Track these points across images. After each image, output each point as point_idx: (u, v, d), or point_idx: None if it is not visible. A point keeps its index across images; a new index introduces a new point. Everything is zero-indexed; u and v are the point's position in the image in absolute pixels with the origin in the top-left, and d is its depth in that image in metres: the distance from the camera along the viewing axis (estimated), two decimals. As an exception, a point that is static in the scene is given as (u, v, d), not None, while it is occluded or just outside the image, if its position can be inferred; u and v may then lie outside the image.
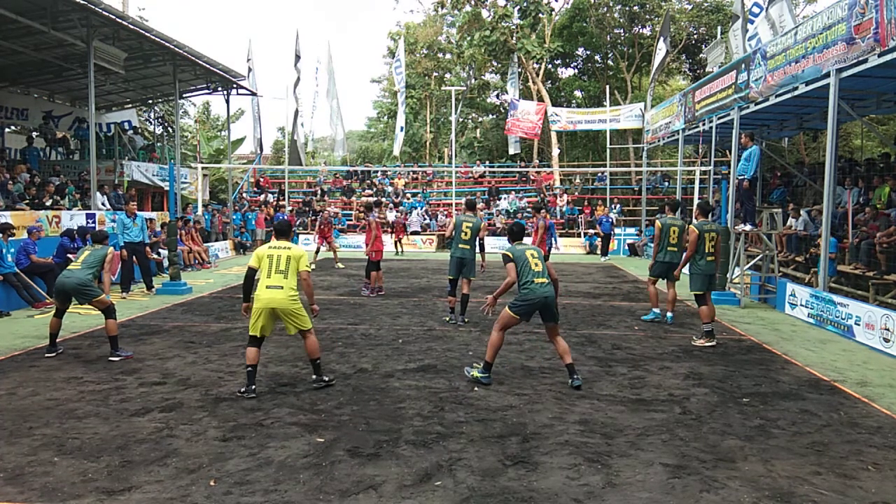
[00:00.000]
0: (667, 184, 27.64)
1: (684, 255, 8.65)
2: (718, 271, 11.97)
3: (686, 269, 8.66)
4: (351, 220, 26.03)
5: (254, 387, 5.64)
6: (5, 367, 6.57)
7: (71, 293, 7.04)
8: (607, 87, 28.20)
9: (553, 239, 13.38)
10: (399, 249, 22.31)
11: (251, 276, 5.79)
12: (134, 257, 12.08)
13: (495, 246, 23.82)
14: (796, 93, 11.31)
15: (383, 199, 26.43)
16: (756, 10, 16.46)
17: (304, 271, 5.77)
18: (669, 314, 9.51)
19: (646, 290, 10.96)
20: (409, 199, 27.62)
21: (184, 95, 23.47)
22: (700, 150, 25.11)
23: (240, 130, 32.61)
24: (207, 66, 19.05)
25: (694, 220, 8.84)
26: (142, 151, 22.02)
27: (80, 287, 6.99)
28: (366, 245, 11.90)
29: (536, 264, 6.09)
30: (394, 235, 22.17)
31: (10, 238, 10.30)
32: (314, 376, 5.97)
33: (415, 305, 10.80)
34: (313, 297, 6.00)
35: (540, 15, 30.84)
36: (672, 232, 9.21)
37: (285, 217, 22.91)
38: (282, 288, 5.61)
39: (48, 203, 14.27)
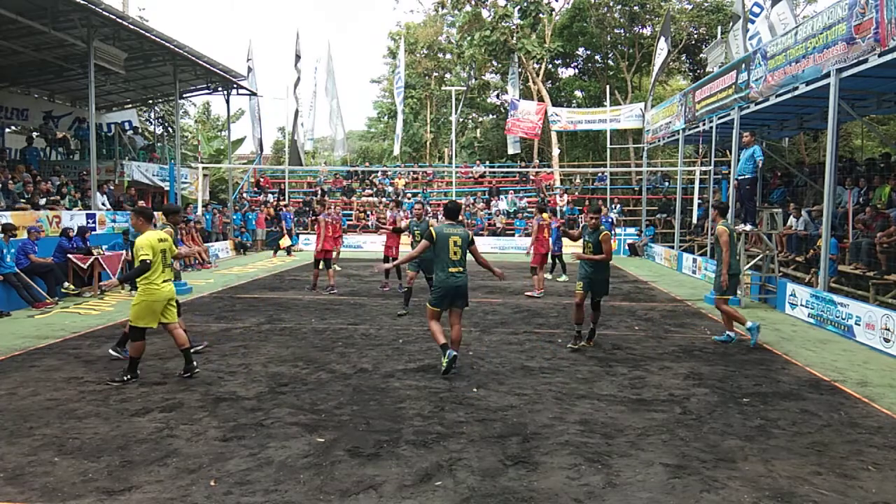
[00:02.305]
0: (667, 184, 27.62)
1: (723, 260, 8.11)
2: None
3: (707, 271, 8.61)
4: (351, 220, 26.02)
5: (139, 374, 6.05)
6: (5, 367, 6.57)
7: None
8: (607, 87, 28.20)
9: (551, 240, 13.30)
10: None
11: (147, 269, 5.94)
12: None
13: (495, 246, 23.86)
14: (796, 93, 11.31)
15: (396, 200, 26.39)
16: (756, 10, 16.45)
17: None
18: (733, 333, 8.36)
19: (649, 292, 10.88)
20: (409, 198, 27.62)
21: (184, 95, 23.46)
22: (700, 150, 25.09)
23: (240, 130, 32.61)
24: (207, 66, 19.05)
25: (716, 222, 8.53)
26: (142, 151, 22.03)
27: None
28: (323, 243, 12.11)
29: (455, 253, 6.39)
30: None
31: (10, 238, 10.31)
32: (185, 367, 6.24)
33: (415, 305, 10.80)
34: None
35: (540, 15, 30.83)
36: (736, 238, 8.70)
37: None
38: (171, 280, 6.20)
39: (42, 202, 14.27)
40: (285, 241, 21.59)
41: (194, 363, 6.27)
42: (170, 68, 18.44)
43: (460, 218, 7.07)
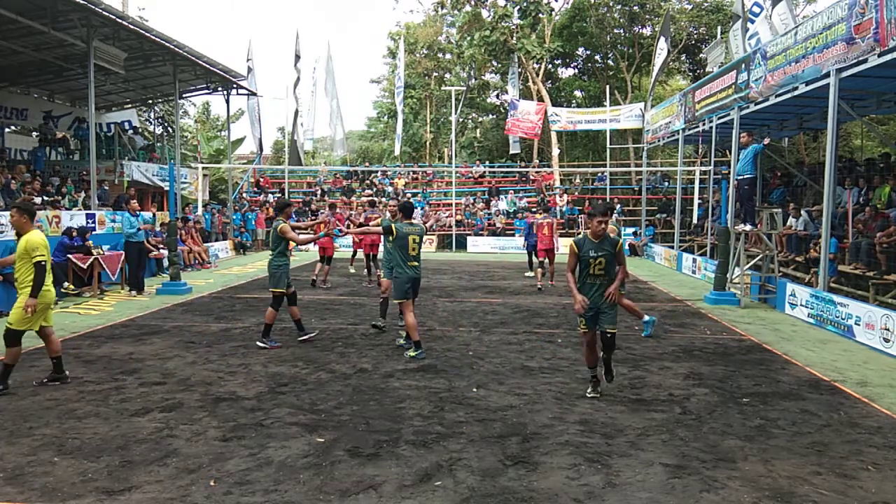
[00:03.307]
0: (667, 184, 27.63)
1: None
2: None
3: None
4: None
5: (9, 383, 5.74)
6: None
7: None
8: (607, 87, 28.20)
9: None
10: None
11: (45, 270, 5.65)
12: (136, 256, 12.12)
13: (495, 246, 23.87)
14: (796, 93, 11.30)
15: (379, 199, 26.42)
16: (756, 10, 16.45)
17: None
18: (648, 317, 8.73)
19: (648, 292, 10.87)
20: (408, 199, 27.63)
21: (184, 95, 23.46)
22: (700, 150, 25.10)
23: (240, 130, 32.62)
24: (207, 66, 19.06)
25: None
26: (142, 151, 22.02)
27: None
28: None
29: (413, 249, 7.19)
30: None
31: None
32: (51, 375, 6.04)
33: (415, 305, 10.79)
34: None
35: (540, 15, 30.83)
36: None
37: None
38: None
39: (37, 201, 14.27)
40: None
41: (65, 373, 6.07)
42: (170, 68, 18.43)
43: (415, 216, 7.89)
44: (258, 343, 7.57)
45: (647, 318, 8.58)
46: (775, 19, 15.66)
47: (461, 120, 39.18)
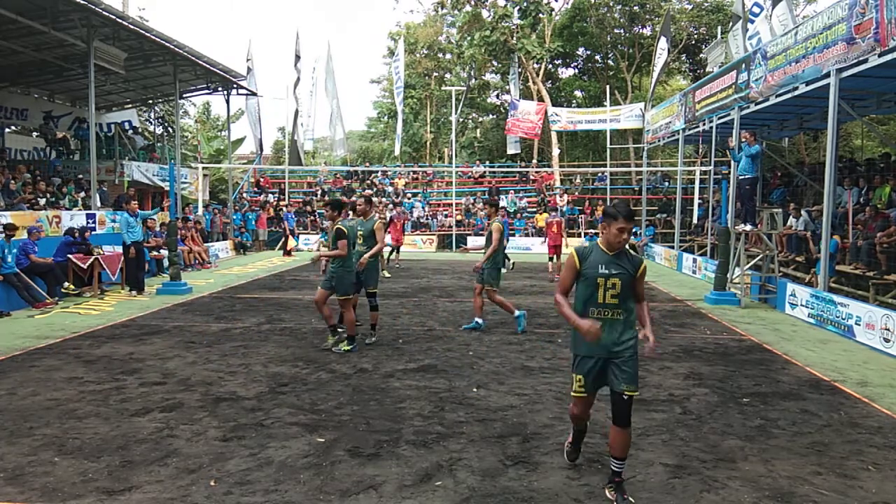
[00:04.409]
0: (667, 184, 27.64)
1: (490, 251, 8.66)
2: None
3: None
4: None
5: None
6: (5, 367, 6.57)
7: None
8: (607, 87, 28.21)
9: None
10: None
11: None
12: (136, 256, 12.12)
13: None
14: (796, 93, 11.30)
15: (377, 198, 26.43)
16: (756, 10, 16.45)
17: None
18: (481, 320, 8.92)
19: (648, 292, 10.88)
20: (409, 198, 27.64)
21: (184, 95, 23.47)
22: (700, 150, 25.10)
23: (240, 130, 32.62)
24: (207, 66, 19.07)
25: (491, 218, 9.05)
26: (142, 151, 22.04)
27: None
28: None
29: (359, 243, 7.47)
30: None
31: (11, 238, 10.31)
32: None
33: (415, 305, 10.80)
34: None
35: (540, 15, 30.84)
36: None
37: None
38: None
39: (41, 202, 14.30)
40: (292, 242, 21.65)
41: None
42: (170, 68, 18.45)
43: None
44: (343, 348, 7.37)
45: (517, 312, 8.56)
46: (774, 21, 15.65)
47: (461, 120, 39.18)
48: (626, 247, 3.79)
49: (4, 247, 10.03)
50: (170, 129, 27.73)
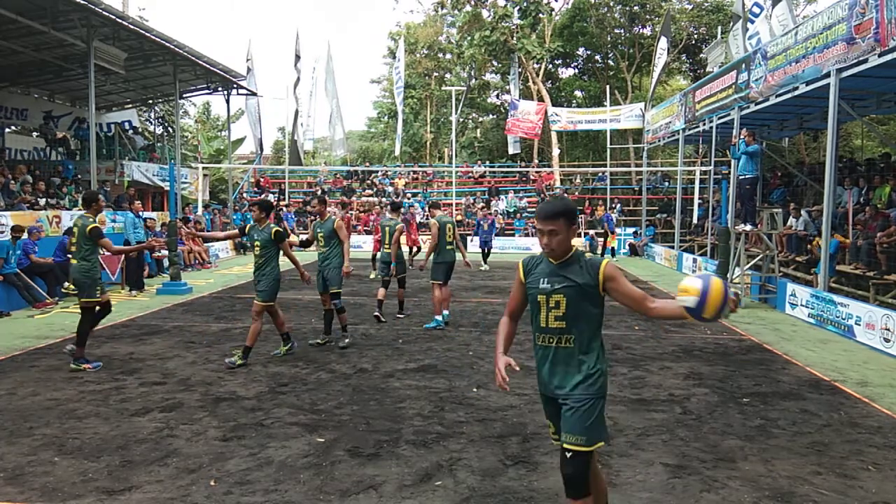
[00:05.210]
0: (667, 184, 27.64)
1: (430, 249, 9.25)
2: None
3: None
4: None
5: None
6: (5, 367, 6.57)
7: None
8: (607, 87, 28.20)
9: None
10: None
11: None
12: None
13: (495, 246, 23.79)
14: (796, 93, 11.31)
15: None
16: (756, 10, 16.45)
17: None
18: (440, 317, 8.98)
19: (648, 292, 10.86)
20: (409, 198, 27.63)
21: (184, 95, 23.47)
22: (700, 150, 25.10)
23: (240, 130, 32.62)
24: (207, 66, 19.06)
25: (432, 216, 9.45)
26: (142, 151, 22.03)
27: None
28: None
29: (321, 244, 7.54)
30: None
31: (17, 241, 10.34)
32: None
33: (415, 305, 10.80)
34: None
35: (540, 15, 30.84)
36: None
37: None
38: None
39: (42, 202, 14.30)
40: (294, 241, 21.61)
41: None
42: (170, 68, 18.44)
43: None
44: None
45: (438, 317, 8.80)
46: (774, 21, 15.65)
47: (461, 120, 39.18)
48: (584, 250, 3.03)
49: (10, 248, 10.04)
50: (170, 129, 27.73)
